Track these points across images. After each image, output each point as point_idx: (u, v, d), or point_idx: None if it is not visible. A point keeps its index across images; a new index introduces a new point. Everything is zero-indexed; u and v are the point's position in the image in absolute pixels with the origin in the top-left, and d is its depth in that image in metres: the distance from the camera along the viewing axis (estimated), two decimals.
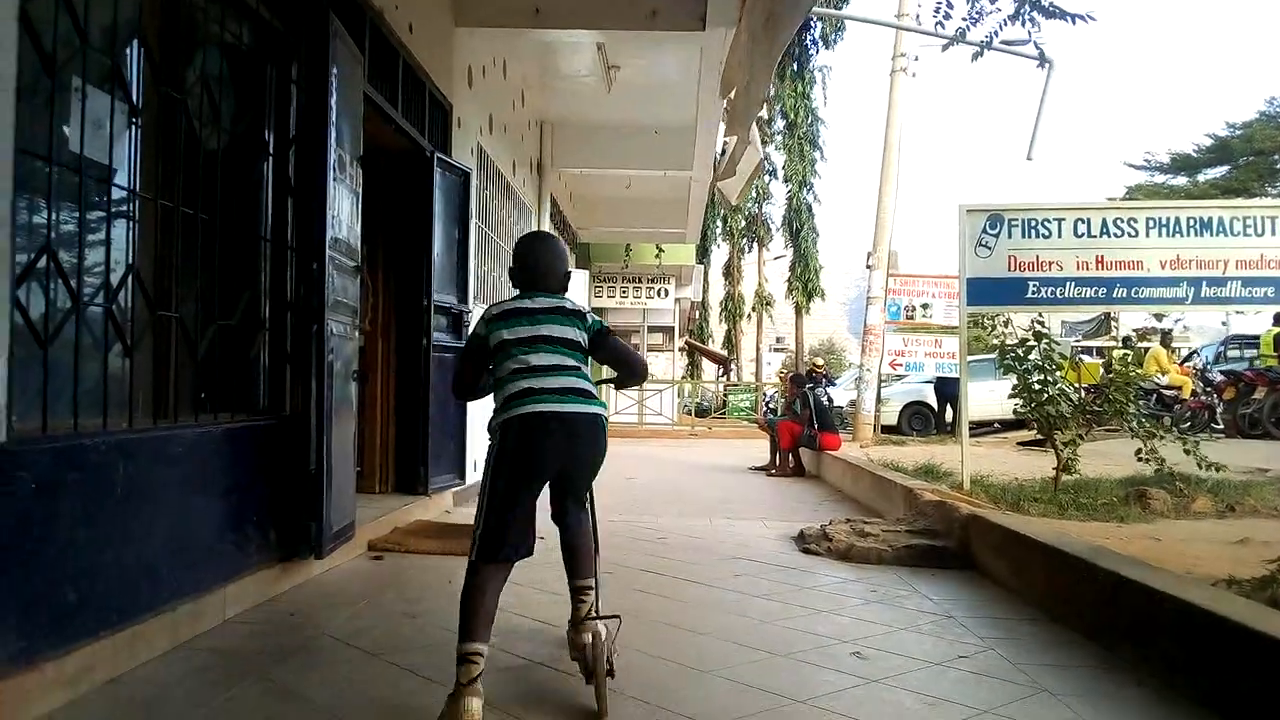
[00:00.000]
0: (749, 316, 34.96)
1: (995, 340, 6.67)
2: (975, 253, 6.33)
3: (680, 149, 10.63)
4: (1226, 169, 30.05)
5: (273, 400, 3.95)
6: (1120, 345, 16.17)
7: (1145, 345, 15.98)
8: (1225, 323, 22.70)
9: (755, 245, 33.74)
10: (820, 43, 27.14)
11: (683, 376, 29.44)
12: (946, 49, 8.32)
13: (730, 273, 34.42)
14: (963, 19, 6.21)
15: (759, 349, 37.29)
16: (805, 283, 30.62)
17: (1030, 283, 6.28)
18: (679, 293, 21.72)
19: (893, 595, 4.12)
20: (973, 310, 6.59)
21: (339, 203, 4.11)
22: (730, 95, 6.75)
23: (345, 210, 4.22)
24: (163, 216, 3.22)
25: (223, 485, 3.42)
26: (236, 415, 3.58)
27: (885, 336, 13.67)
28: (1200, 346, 18.62)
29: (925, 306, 13.79)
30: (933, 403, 15.92)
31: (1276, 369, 12.39)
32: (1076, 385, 6.62)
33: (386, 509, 5.39)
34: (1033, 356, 6.28)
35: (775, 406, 15.67)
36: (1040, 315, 6.55)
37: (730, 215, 31.62)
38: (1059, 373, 6.37)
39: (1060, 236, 6.27)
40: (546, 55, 8.72)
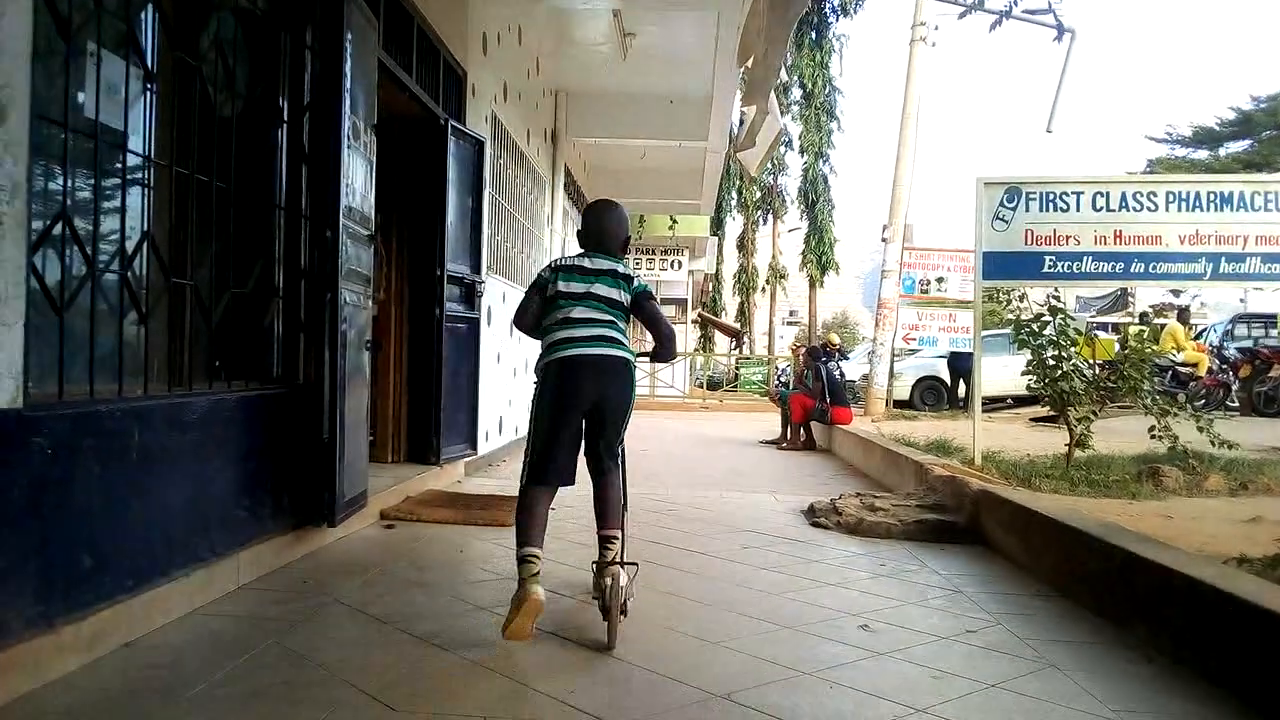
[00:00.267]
0: (763, 289, 34.83)
1: (1010, 315, 6.62)
2: (992, 226, 6.27)
3: (696, 119, 10.55)
4: (1249, 143, 29.64)
5: (286, 369, 3.97)
6: (1137, 322, 16.05)
7: (1162, 321, 15.85)
8: (1243, 299, 22.48)
9: (770, 217, 33.53)
10: (839, 10, 26.84)
11: (695, 349, 29.42)
12: (964, 16, 8.21)
13: (745, 245, 34.26)
14: None
15: (772, 322, 37.19)
16: (820, 255, 30.44)
17: (1047, 257, 6.23)
18: (693, 265, 21.69)
19: (902, 569, 4.13)
20: (988, 284, 6.54)
21: (353, 171, 4.10)
22: (748, 64, 6.68)
23: (359, 178, 4.21)
24: (177, 183, 3.22)
25: (236, 453, 3.44)
26: (250, 383, 3.60)
27: (899, 310, 13.61)
28: (1209, 324, 18.46)
29: (940, 280, 13.71)
30: (945, 377, 15.86)
31: None
32: (1091, 361, 6.57)
33: (399, 478, 5.43)
34: (1048, 332, 6.24)
35: (788, 380, 15.65)
36: (1056, 290, 6.50)
37: (745, 187, 31.43)
38: (1074, 348, 6.33)
39: (1078, 210, 6.21)
40: (561, 22, 8.64)
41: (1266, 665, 2.45)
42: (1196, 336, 16.23)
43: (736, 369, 26.17)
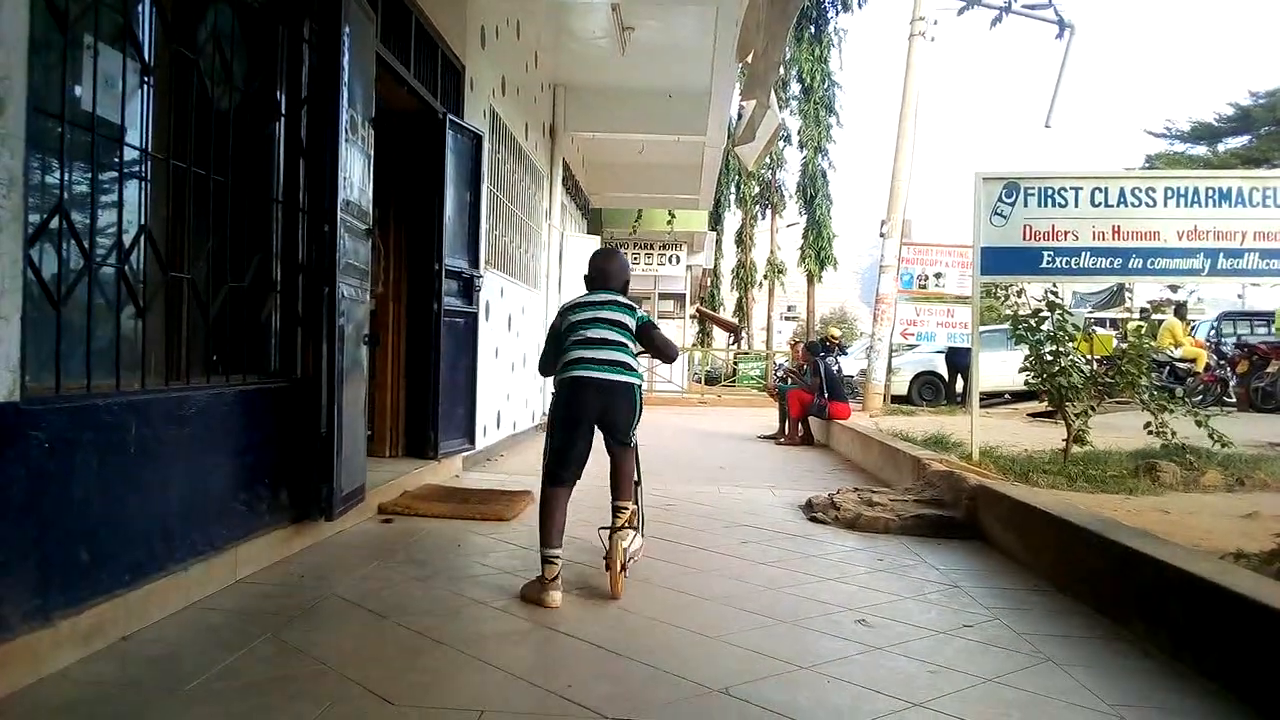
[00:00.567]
0: (761, 284, 34.80)
1: (1008, 310, 6.62)
2: (990, 221, 6.27)
3: (695, 113, 10.54)
4: (1248, 138, 29.62)
5: (284, 363, 3.96)
6: (1137, 317, 16.05)
7: (1160, 317, 15.87)
8: (1241, 295, 22.52)
9: (769, 212, 33.47)
10: (839, 4, 26.75)
11: (693, 344, 29.41)
12: (963, 12, 8.20)
13: (743, 240, 34.20)
14: None
15: (770, 317, 37.17)
16: (818, 251, 30.40)
17: (1045, 252, 6.23)
18: (691, 260, 21.67)
19: (899, 564, 4.14)
20: (986, 280, 6.55)
21: (351, 164, 4.09)
22: (747, 59, 6.66)
23: (357, 172, 4.20)
24: (175, 177, 3.22)
25: (234, 447, 3.44)
26: (248, 377, 3.59)
27: (897, 305, 13.61)
28: (1196, 322, 18.48)
29: (938, 276, 13.71)
30: (943, 373, 15.86)
31: None
32: (1089, 357, 6.58)
33: (396, 472, 5.43)
34: (1045, 327, 6.25)
35: (786, 375, 15.67)
36: (1054, 285, 6.50)
37: (744, 182, 31.37)
38: (1071, 344, 6.34)
39: (1077, 206, 6.21)
40: (560, 16, 8.63)
41: (1263, 660, 2.45)
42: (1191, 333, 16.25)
43: (734, 364, 26.17)
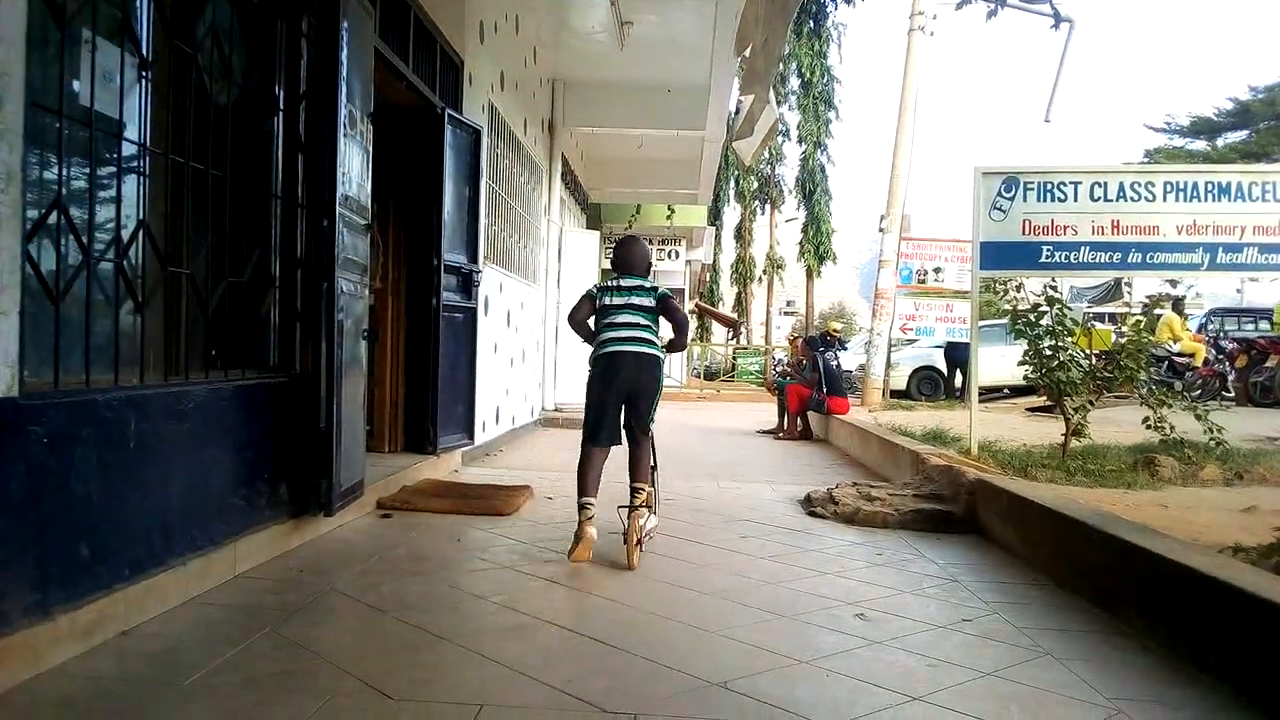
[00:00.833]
0: (760, 279, 34.81)
1: (1007, 305, 6.62)
2: (989, 216, 6.27)
3: (694, 108, 10.52)
4: (1247, 133, 29.64)
5: (283, 358, 3.96)
6: (1141, 312, 16.00)
7: (1159, 312, 15.86)
8: (1240, 290, 22.52)
9: (768, 207, 33.48)
10: None
11: (692, 339, 29.40)
12: (961, 6, 8.18)
13: (742, 235, 34.22)
14: None
15: (769, 312, 37.19)
16: (817, 246, 30.43)
17: (1044, 247, 6.23)
18: (690, 254, 21.65)
19: (898, 559, 4.14)
20: (985, 274, 6.54)
21: (349, 159, 4.09)
22: (745, 53, 6.66)
23: (356, 167, 4.20)
24: (173, 172, 3.21)
25: (233, 442, 3.44)
26: (247, 373, 3.59)
27: (896, 300, 13.61)
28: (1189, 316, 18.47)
29: (937, 270, 13.70)
30: (942, 368, 15.86)
31: None
32: (1087, 351, 6.58)
33: (395, 468, 5.43)
34: (1044, 322, 6.25)
35: (785, 370, 15.66)
36: (1053, 280, 6.49)
37: (743, 177, 31.38)
38: (1070, 338, 6.34)
39: (1076, 200, 6.21)
40: (559, 10, 8.61)
41: (1262, 654, 2.46)
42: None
43: (733, 359, 26.18)
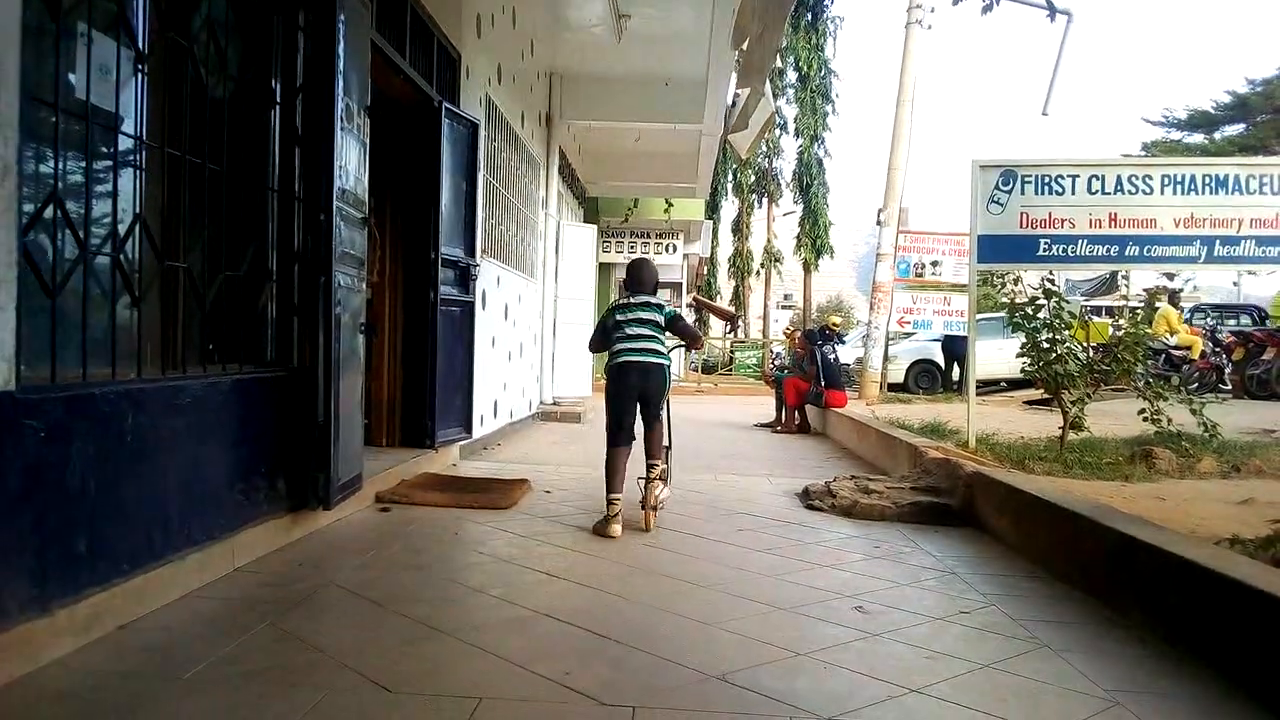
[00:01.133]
0: (757, 273, 34.79)
1: (1004, 298, 6.62)
2: (987, 209, 6.26)
3: (691, 102, 10.50)
4: (1244, 126, 29.62)
5: (280, 352, 3.96)
6: (1135, 304, 15.99)
7: (1158, 305, 15.87)
8: (1237, 283, 22.53)
9: (765, 200, 33.44)
10: None
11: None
12: (958, 1, 8.17)
13: (739, 228, 34.18)
14: None
15: (767, 306, 37.18)
16: (814, 239, 30.40)
17: (1042, 240, 6.23)
18: (687, 248, 21.62)
19: (896, 551, 4.15)
20: (983, 268, 6.54)
21: (346, 153, 4.08)
22: (743, 45, 6.64)
23: (353, 161, 4.19)
24: (170, 165, 3.20)
25: (231, 436, 3.43)
26: (244, 367, 3.59)
27: (894, 294, 13.61)
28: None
29: (935, 264, 13.71)
30: (940, 361, 15.88)
31: None
32: (1085, 344, 6.59)
33: (393, 461, 5.43)
34: (1042, 315, 6.24)
35: (783, 364, 15.66)
36: (1050, 273, 6.49)
37: (740, 170, 31.33)
38: (1068, 331, 6.34)
39: (1074, 193, 6.20)
40: (556, 4, 8.59)
41: (1259, 645, 2.46)
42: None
43: (731, 353, 26.18)
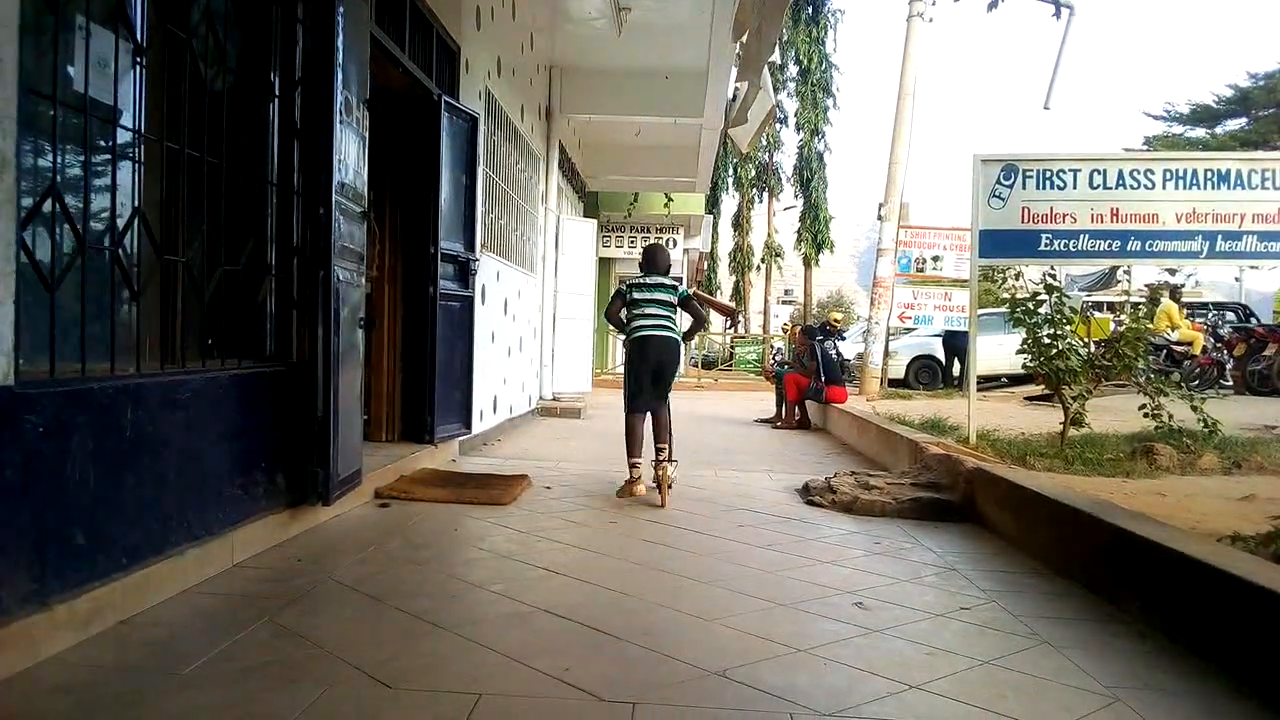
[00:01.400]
0: (758, 268, 34.78)
1: (1005, 294, 6.61)
2: (989, 204, 6.25)
3: (692, 95, 10.47)
4: (1246, 120, 29.58)
5: (279, 347, 3.95)
6: (1146, 300, 15.96)
7: (1159, 300, 15.86)
8: (1239, 278, 22.51)
9: (766, 195, 33.42)
10: None
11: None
12: None
13: (740, 223, 34.16)
14: None
15: (767, 301, 37.18)
16: (815, 234, 30.38)
17: (1043, 235, 6.22)
18: (688, 243, 21.59)
19: (896, 547, 4.14)
20: (984, 263, 6.53)
21: (346, 147, 4.06)
22: (742, 39, 6.62)
23: (352, 154, 4.17)
24: (168, 159, 3.19)
25: (230, 431, 3.43)
26: (243, 361, 3.58)
27: (895, 289, 13.59)
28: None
29: (936, 259, 13.69)
30: (941, 356, 15.87)
31: None
32: (1086, 340, 6.58)
33: (393, 457, 5.42)
34: (1043, 310, 6.24)
35: (783, 359, 15.64)
36: (1052, 268, 6.48)
37: (740, 165, 31.30)
38: (1069, 327, 6.33)
39: (1075, 188, 6.19)
40: None
41: (1259, 641, 2.46)
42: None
43: (731, 348, 26.17)
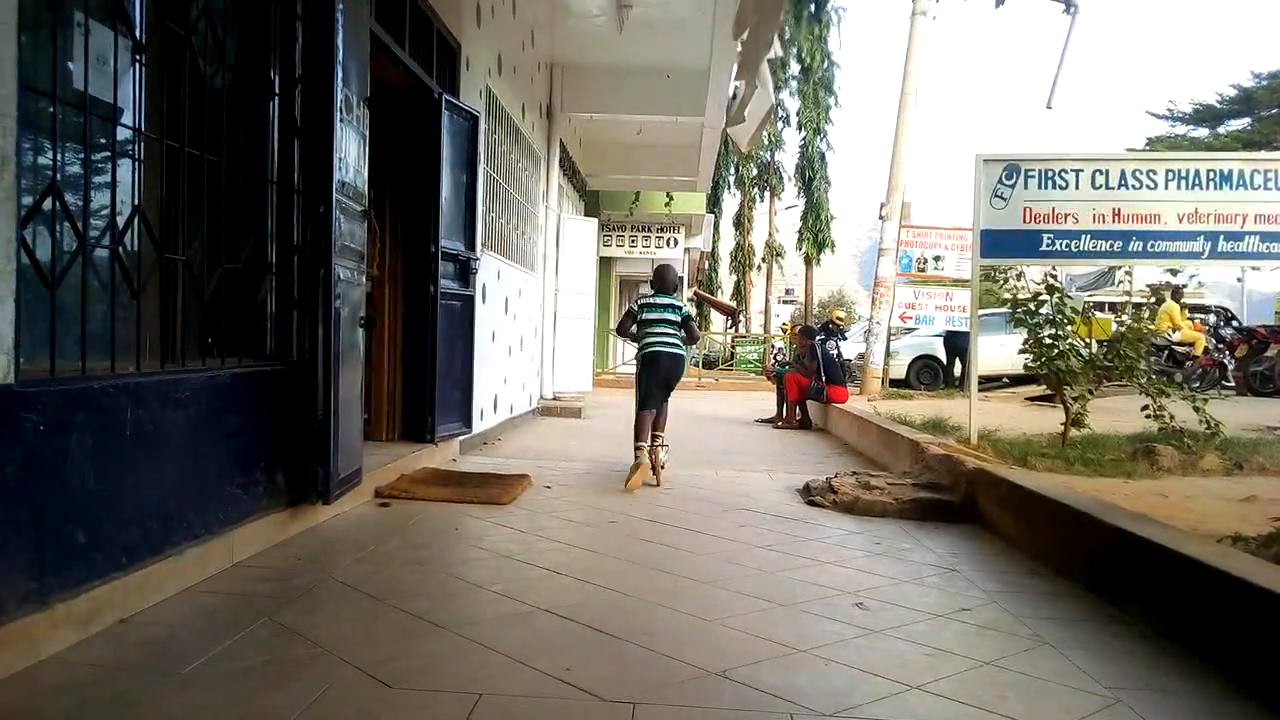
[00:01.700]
0: (759, 267, 34.76)
1: (1007, 294, 6.61)
2: (990, 204, 6.24)
3: (693, 94, 10.46)
4: (1249, 121, 29.52)
5: (280, 345, 3.94)
6: (1150, 301, 15.90)
7: (1163, 299, 15.84)
8: (1241, 279, 22.49)
9: (767, 194, 33.39)
10: None
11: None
12: None
13: (741, 222, 34.14)
14: None
15: (768, 300, 37.16)
16: (816, 233, 30.38)
17: (1045, 235, 6.20)
18: (689, 242, 21.57)
19: (897, 548, 4.14)
20: (986, 263, 6.52)
21: (346, 145, 4.06)
22: (743, 36, 6.61)
23: (352, 153, 4.17)
24: (168, 157, 3.18)
25: (230, 430, 3.42)
26: (244, 360, 3.57)
27: (896, 289, 13.59)
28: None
29: (937, 259, 13.69)
30: (942, 356, 15.85)
31: None
32: (1087, 340, 6.57)
33: (393, 456, 5.42)
34: (1044, 310, 6.23)
35: (784, 359, 15.63)
36: (1053, 268, 6.47)
37: (742, 164, 31.29)
38: (1070, 327, 6.32)
39: (1077, 188, 6.17)
40: None
41: (1261, 643, 2.45)
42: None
43: (732, 348, 26.17)
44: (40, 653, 2.38)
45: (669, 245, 19.58)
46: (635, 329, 5.98)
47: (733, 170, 31.52)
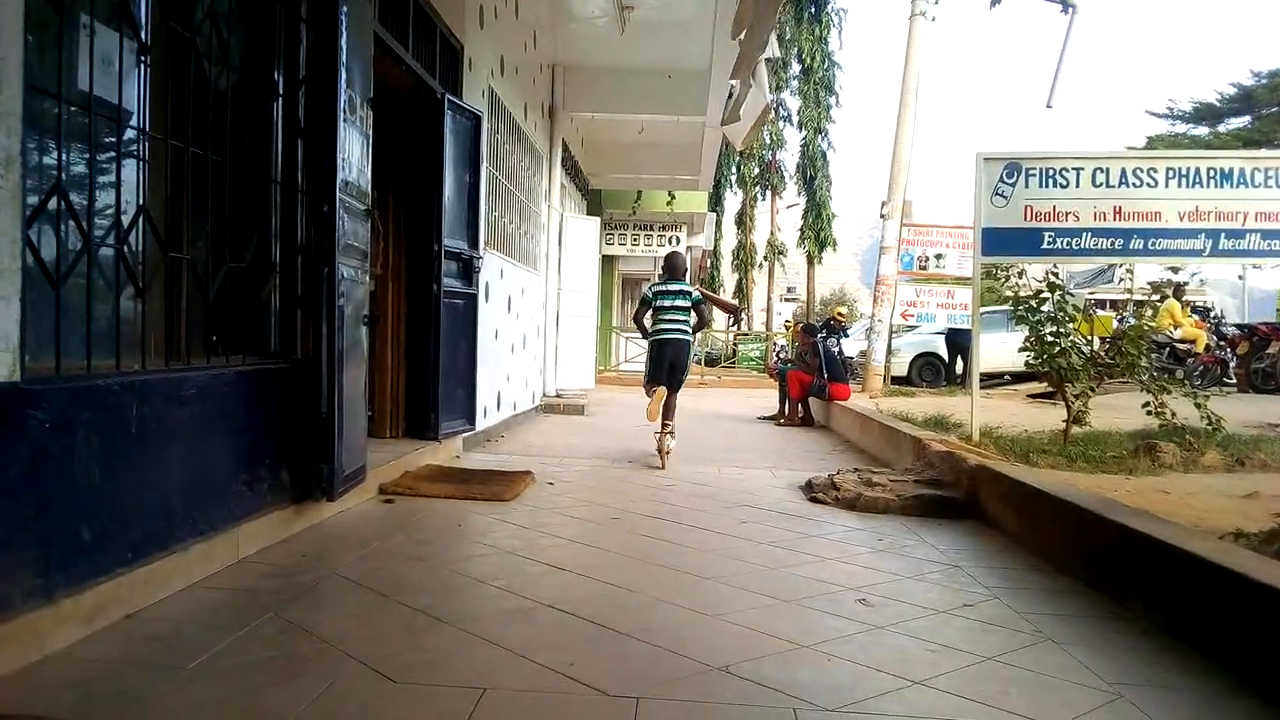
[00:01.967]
0: (761, 266, 34.75)
1: (1008, 292, 6.62)
2: (991, 202, 6.25)
3: (695, 93, 10.47)
4: (1249, 119, 29.49)
5: (284, 343, 3.96)
6: (1155, 298, 15.91)
7: (1165, 295, 15.84)
8: (1242, 276, 22.48)
9: (769, 193, 33.38)
10: None
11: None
12: None
13: (743, 221, 34.13)
14: None
15: (770, 298, 37.15)
16: (818, 232, 30.36)
17: (1046, 233, 6.21)
18: (691, 241, 21.59)
19: (899, 544, 4.15)
20: (987, 261, 6.53)
21: (349, 145, 4.07)
22: (741, 36, 6.62)
23: (356, 152, 4.18)
24: (173, 157, 3.20)
25: (235, 427, 3.44)
26: (248, 358, 3.58)
27: (898, 287, 13.59)
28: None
29: (939, 257, 13.69)
30: (944, 354, 15.86)
31: None
32: (1088, 338, 6.58)
33: (397, 453, 5.43)
34: (1045, 308, 6.24)
35: (786, 356, 15.63)
36: (1055, 266, 6.48)
37: (744, 162, 31.28)
38: (1071, 325, 6.33)
39: (1078, 186, 6.18)
40: None
41: (1262, 638, 2.46)
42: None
43: (735, 345, 26.18)
44: (46, 648, 2.39)
45: (671, 244, 19.60)
46: (650, 318, 6.65)
47: (735, 169, 31.52)
